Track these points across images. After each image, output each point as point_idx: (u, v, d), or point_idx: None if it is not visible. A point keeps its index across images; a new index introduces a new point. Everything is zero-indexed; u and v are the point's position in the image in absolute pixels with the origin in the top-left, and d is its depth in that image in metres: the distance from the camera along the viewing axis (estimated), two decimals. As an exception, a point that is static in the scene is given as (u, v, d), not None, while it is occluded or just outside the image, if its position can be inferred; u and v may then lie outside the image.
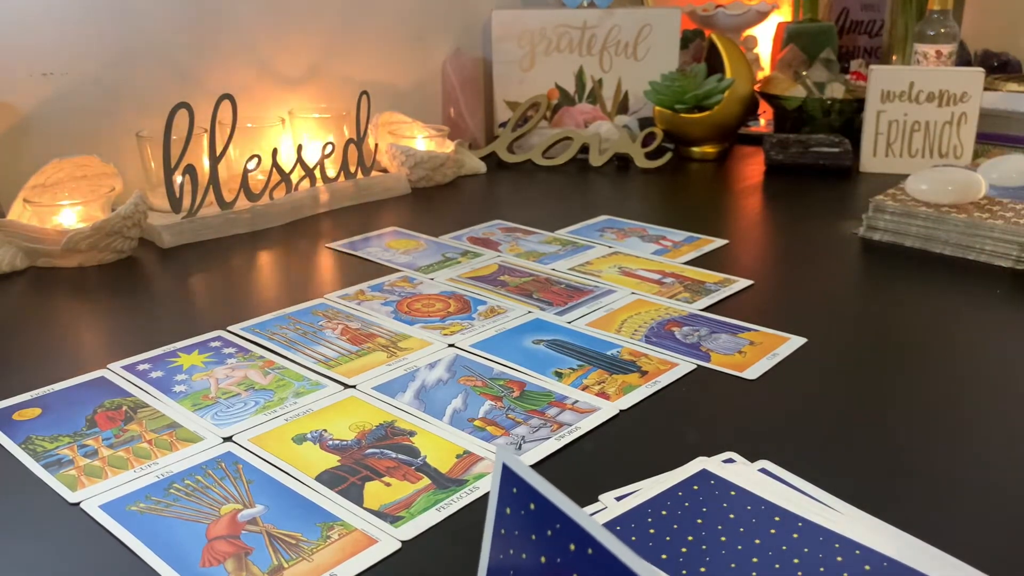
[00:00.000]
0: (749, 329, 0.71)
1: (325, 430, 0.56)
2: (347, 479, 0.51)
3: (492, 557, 0.31)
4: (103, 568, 0.44)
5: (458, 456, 0.53)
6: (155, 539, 0.45)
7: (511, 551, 0.30)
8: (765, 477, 0.46)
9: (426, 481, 0.51)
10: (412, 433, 0.56)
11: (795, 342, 0.69)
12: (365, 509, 0.48)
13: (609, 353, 0.67)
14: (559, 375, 0.63)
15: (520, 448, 0.54)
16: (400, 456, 0.53)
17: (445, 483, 0.50)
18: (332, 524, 0.47)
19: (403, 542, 0.45)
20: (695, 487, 0.45)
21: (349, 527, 0.46)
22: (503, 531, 0.31)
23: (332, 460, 0.53)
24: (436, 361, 0.66)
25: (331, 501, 0.49)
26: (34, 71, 0.96)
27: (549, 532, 0.28)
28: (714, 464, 0.47)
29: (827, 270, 0.87)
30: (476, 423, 0.57)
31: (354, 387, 0.62)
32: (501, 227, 1.00)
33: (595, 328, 0.71)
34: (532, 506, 0.29)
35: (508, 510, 0.30)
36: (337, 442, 0.55)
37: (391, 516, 0.47)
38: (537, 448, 0.54)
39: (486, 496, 0.49)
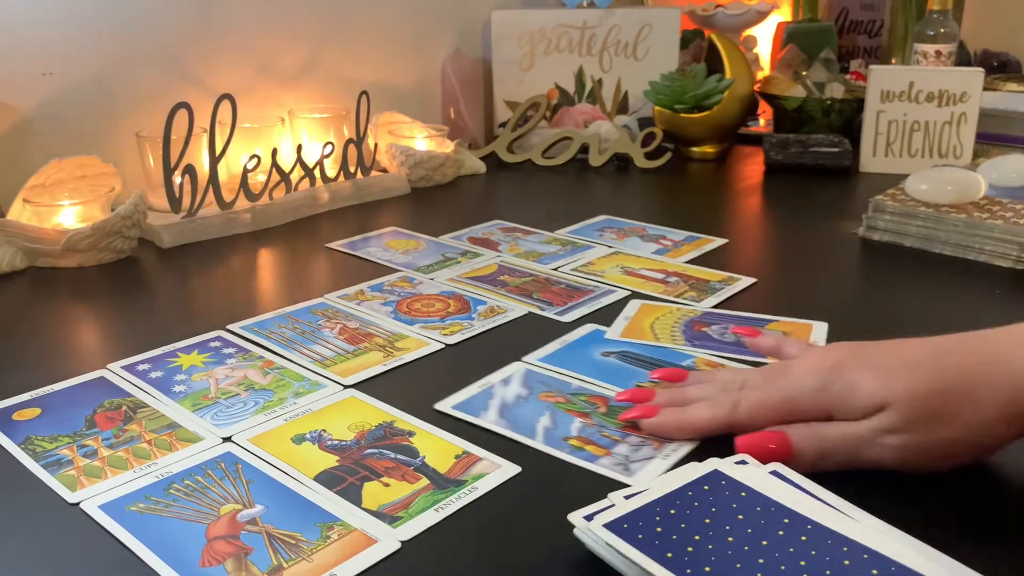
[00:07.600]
0: (772, 320, 0.71)
1: (324, 430, 0.56)
2: (346, 479, 0.51)
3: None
4: (103, 568, 0.44)
5: (457, 456, 0.53)
6: (154, 539, 0.45)
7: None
8: (776, 479, 0.46)
9: (425, 481, 0.51)
10: (411, 433, 0.56)
11: (819, 328, 0.70)
12: (363, 509, 0.48)
13: (685, 364, 0.65)
14: None
15: (628, 469, 0.51)
16: (399, 456, 0.53)
17: (444, 483, 0.50)
18: (331, 524, 0.47)
19: (402, 542, 0.45)
20: (705, 487, 0.45)
21: (348, 527, 0.46)
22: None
23: (331, 460, 0.53)
24: (509, 376, 0.63)
25: (330, 501, 0.49)
26: (34, 71, 0.97)
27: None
28: (727, 465, 0.47)
29: (827, 270, 0.87)
30: (572, 442, 0.54)
31: (354, 387, 0.62)
32: (501, 227, 1.00)
33: (629, 337, 0.69)
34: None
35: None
36: (336, 442, 0.55)
37: (390, 516, 0.47)
38: (645, 467, 0.51)
39: (485, 497, 0.49)
